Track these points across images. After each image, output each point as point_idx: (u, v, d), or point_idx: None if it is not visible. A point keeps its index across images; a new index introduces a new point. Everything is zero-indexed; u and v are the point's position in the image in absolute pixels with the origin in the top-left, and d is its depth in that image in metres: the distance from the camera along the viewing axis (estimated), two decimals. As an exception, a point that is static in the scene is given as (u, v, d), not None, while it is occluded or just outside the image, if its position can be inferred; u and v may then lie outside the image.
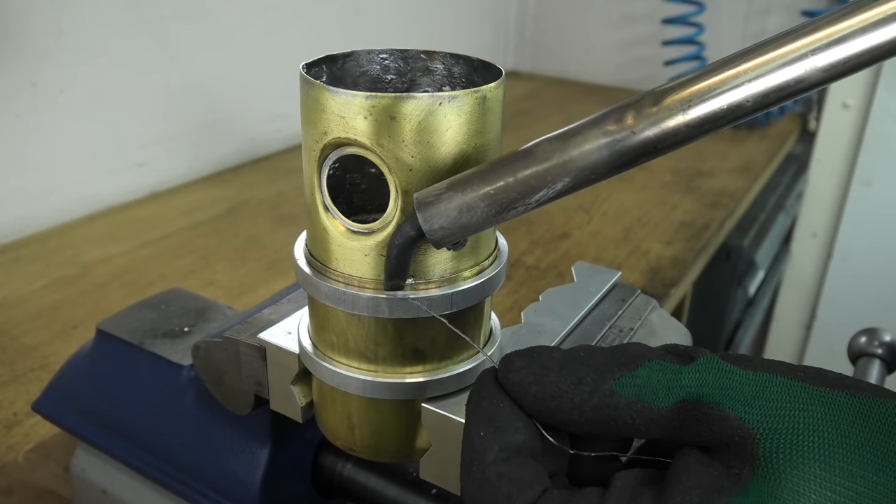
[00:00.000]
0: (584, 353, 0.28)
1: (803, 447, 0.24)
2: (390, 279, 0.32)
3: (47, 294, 0.84)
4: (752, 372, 0.26)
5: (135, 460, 0.47)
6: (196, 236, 0.99)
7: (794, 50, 0.25)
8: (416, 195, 0.30)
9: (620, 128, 0.27)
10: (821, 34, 0.25)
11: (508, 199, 0.29)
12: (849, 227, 1.62)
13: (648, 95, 0.27)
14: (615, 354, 0.28)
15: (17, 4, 0.90)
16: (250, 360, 0.40)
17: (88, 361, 0.51)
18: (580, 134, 0.28)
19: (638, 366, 0.27)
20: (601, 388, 0.27)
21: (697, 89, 0.26)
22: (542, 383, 0.28)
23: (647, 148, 0.27)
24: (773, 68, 0.25)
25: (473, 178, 0.29)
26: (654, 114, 0.27)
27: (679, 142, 0.27)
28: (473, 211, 0.29)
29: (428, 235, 0.29)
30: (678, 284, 0.93)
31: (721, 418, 0.26)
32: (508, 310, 0.83)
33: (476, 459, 0.27)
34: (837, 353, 0.36)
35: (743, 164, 1.37)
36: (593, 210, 1.13)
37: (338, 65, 0.35)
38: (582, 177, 0.28)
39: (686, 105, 0.26)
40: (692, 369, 0.27)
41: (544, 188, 0.28)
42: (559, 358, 0.28)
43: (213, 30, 1.15)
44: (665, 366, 0.27)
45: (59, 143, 0.99)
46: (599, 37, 1.87)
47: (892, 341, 0.50)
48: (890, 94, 1.51)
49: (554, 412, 0.28)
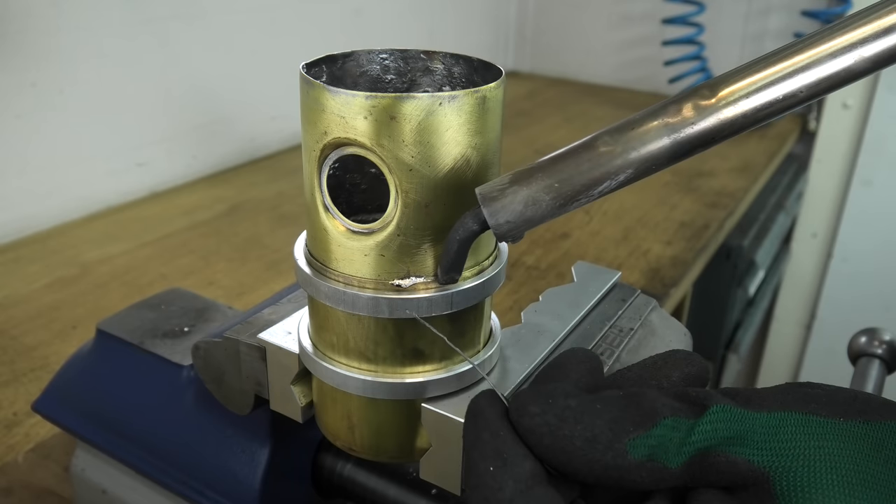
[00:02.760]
0: (600, 404, 0.28)
1: (820, 482, 0.24)
2: (447, 272, 0.32)
3: (47, 294, 0.84)
4: (766, 413, 0.26)
5: (135, 460, 0.47)
6: (196, 236, 0.99)
7: (844, 41, 0.26)
8: (479, 190, 0.30)
9: (680, 119, 0.28)
10: (868, 27, 0.26)
11: (573, 192, 0.29)
12: (849, 227, 1.62)
13: (704, 86, 0.28)
14: (629, 408, 0.27)
15: (17, 4, 0.90)
16: (250, 360, 0.40)
17: (88, 361, 0.51)
18: (641, 126, 0.29)
19: (653, 425, 0.27)
20: (615, 447, 0.26)
21: (753, 80, 0.27)
22: (555, 436, 0.27)
23: (706, 138, 0.28)
24: (823, 58, 0.27)
25: (537, 171, 0.30)
26: (711, 104, 0.28)
27: (736, 130, 0.28)
28: (539, 204, 0.29)
29: (494, 230, 0.30)
30: (678, 284, 0.93)
31: (729, 464, 0.25)
32: (508, 310, 0.83)
33: (492, 497, 0.26)
34: (837, 353, 0.35)
35: (743, 164, 1.37)
36: (593, 210, 1.13)
37: (338, 65, 0.35)
38: (643, 168, 0.29)
39: (742, 95, 0.27)
40: (704, 422, 0.26)
41: (607, 180, 0.29)
42: (575, 408, 0.27)
43: (213, 30, 1.15)
44: (679, 422, 0.27)
45: (59, 143, 0.99)
46: (599, 37, 1.86)
47: (892, 341, 0.50)
48: (890, 94, 1.51)
49: (564, 465, 0.27)
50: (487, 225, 0.30)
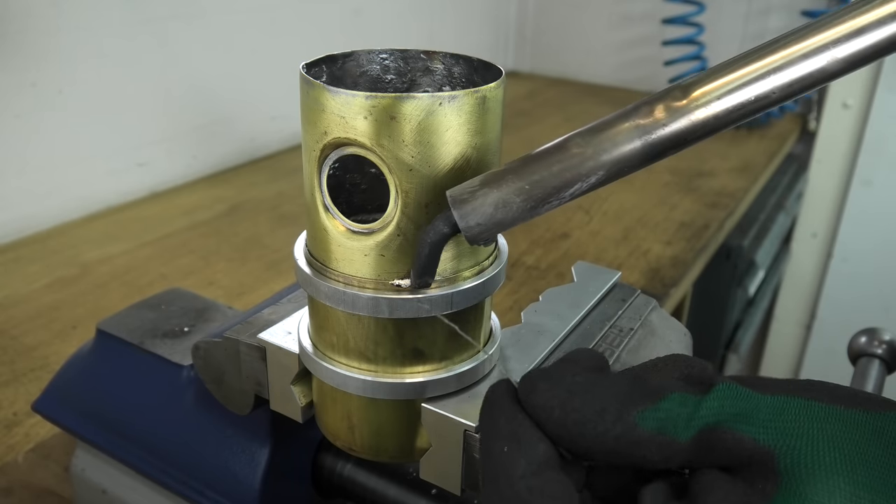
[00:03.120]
0: (607, 381, 0.28)
1: (824, 461, 0.24)
2: (419, 276, 0.32)
3: (47, 294, 0.84)
4: (770, 395, 0.27)
5: (135, 460, 0.47)
6: (196, 236, 0.99)
7: (817, 42, 0.26)
8: (450, 193, 0.30)
9: (652, 121, 0.28)
10: (842, 27, 0.26)
11: (544, 194, 0.29)
12: (849, 227, 1.62)
13: (676, 88, 0.28)
14: (638, 384, 0.28)
15: (17, 4, 0.90)
16: (250, 360, 0.40)
17: (88, 361, 0.51)
18: (612, 128, 0.28)
19: (661, 398, 0.27)
20: (624, 418, 0.27)
21: (726, 81, 0.27)
22: (565, 409, 0.27)
23: (678, 140, 0.28)
24: (796, 59, 0.26)
25: (507, 173, 0.29)
26: (683, 106, 0.27)
27: (708, 132, 0.27)
28: (509, 206, 0.29)
29: (464, 232, 0.30)
30: (678, 284, 0.93)
31: (736, 441, 0.26)
32: (508, 310, 0.83)
33: (503, 475, 0.27)
34: (837, 353, 0.35)
35: (743, 164, 1.37)
36: (593, 210, 1.13)
37: (338, 65, 0.35)
38: (615, 170, 0.29)
39: (714, 96, 0.27)
40: (711, 398, 0.27)
41: (578, 182, 0.29)
42: (582, 383, 0.28)
43: (213, 30, 1.15)
44: (686, 398, 0.27)
45: (59, 143, 0.99)
46: (599, 37, 1.86)
47: (892, 341, 0.50)
48: (890, 94, 1.51)
49: (576, 439, 0.27)
50: (458, 228, 0.30)
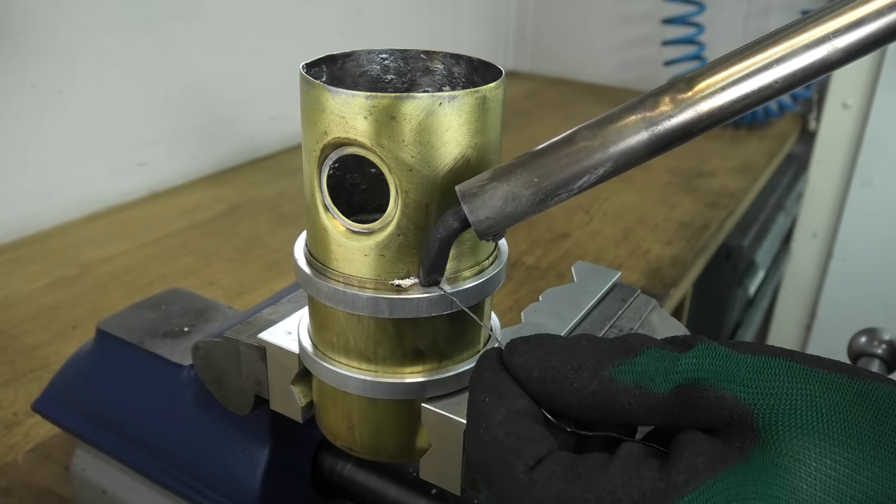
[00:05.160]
0: (586, 341, 0.29)
1: (802, 420, 0.25)
2: (429, 274, 0.32)
3: (47, 294, 0.84)
4: (751, 355, 0.27)
5: (135, 460, 0.47)
6: (196, 236, 0.99)
7: (817, 33, 0.27)
8: (459, 187, 0.30)
9: (658, 113, 0.28)
10: (841, 18, 0.27)
11: (553, 187, 0.29)
12: (849, 227, 1.62)
13: (680, 81, 0.29)
14: (616, 344, 0.29)
15: (17, 4, 0.90)
16: (250, 360, 0.40)
17: (88, 361, 0.51)
18: (619, 120, 0.29)
19: (637, 354, 0.28)
20: (600, 374, 0.28)
21: (729, 73, 0.28)
22: (543, 367, 0.28)
23: (684, 131, 0.28)
24: (797, 50, 0.27)
25: (516, 167, 0.30)
26: (688, 98, 0.28)
27: (713, 123, 0.28)
28: (518, 200, 0.29)
29: (474, 226, 0.30)
30: (678, 284, 0.93)
31: (717, 399, 0.26)
32: (508, 310, 0.83)
33: (483, 423, 0.28)
34: (837, 353, 0.36)
35: (743, 164, 1.37)
36: (593, 210, 1.13)
37: (338, 65, 0.35)
38: (622, 161, 0.29)
39: (718, 88, 0.28)
40: (690, 355, 0.27)
41: (587, 174, 0.29)
42: (562, 344, 0.29)
43: (213, 30, 1.15)
44: (663, 353, 0.28)
45: (59, 143, 0.99)
46: (599, 37, 1.86)
47: (892, 341, 0.50)
48: (890, 94, 1.51)
49: (555, 396, 0.28)
50: (468, 222, 0.30)
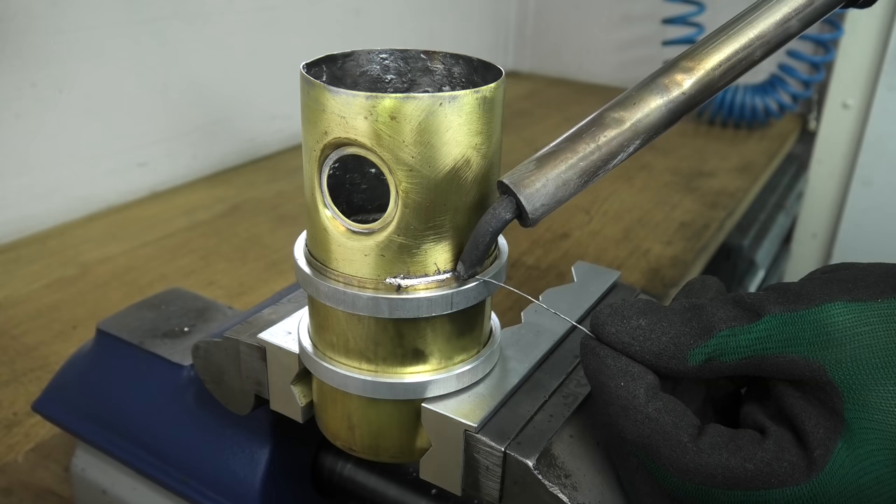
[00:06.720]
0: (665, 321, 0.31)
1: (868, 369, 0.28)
2: (472, 267, 0.32)
3: (47, 294, 0.84)
4: (815, 307, 0.29)
5: (135, 460, 0.47)
6: (196, 236, 0.99)
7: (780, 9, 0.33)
8: (508, 179, 0.31)
9: (673, 88, 0.32)
10: None
11: (594, 168, 0.31)
12: (849, 227, 1.62)
13: (684, 58, 0.32)
14: (692, 321, 0.31)
15: (17, 4, 0.90)
16: (250, 360, 0.40)
17: (88, 361, 0.51)
18: (641, 99, 0.32)
19: (710, 337, 0.30)
20: (678, 357, 0.30)
21: (718, 43, 0.32)
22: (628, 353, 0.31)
23: (692, 104, 0.32)
24: (771, 21, 0.33)
25: (560, 153, 0.31)
26: (695, 73, 0.32)
27: (712, 93, 0.32)
28: (568, 185, 0.31)
29: (531, 214, 0.31)
30: (678, 284, 0.93)
31: (788, 363, 0.29)
32: (508, 310, 0.83)
33: (630, 405, 0.30)
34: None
35: (743, 164, 1.37)
36: (593, 210, 1.13)
37: (338, 65, 0.35)
38: (647, 137, 0.32)
39: (716, 62, 0.32)
40: (758, 328, 0.30)
41: (622, 152, 0.31)
42: (645, 328, 0.31)
43: (213, 30, 1.15)
44: (734, 332, 0.30)
45: (59, 143, 0.99)
46: (599, 37, 1.86)
47: None
48: (890, 94, 1.51)
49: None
50: (520, 212, 0.31)
